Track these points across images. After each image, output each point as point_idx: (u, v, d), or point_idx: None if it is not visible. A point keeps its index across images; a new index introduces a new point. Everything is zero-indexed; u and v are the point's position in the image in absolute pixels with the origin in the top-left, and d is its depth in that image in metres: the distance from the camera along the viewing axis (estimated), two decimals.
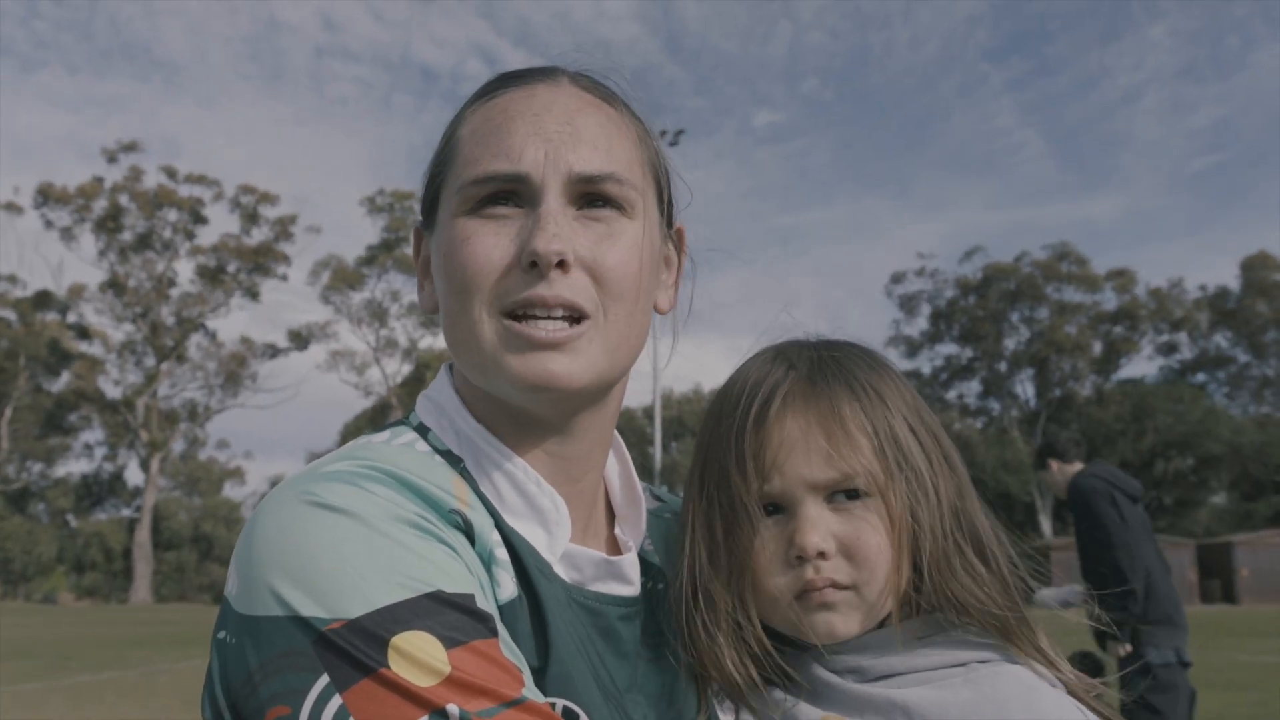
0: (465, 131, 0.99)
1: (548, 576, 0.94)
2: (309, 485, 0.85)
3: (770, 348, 1.08)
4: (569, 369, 0.91)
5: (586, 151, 0.94)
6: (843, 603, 0.96)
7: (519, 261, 0.91)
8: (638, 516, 1.09)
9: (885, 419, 0.99)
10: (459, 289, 0.94)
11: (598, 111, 0.99)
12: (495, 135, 0.95)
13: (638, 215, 0.98)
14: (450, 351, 1.00)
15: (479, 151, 0.95)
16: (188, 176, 62.73)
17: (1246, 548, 42.18)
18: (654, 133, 1.06)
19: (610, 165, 0.95)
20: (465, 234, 0.93)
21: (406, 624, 0.76)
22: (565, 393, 0.92)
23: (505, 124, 0.95)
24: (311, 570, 0.78)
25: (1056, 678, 0.96)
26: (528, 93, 0.98)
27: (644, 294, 0.98)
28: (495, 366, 0.92)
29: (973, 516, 1.02)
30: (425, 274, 1.05)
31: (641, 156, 1.01)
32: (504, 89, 1.00)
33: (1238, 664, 15.09)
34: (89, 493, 72.04)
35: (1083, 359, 62.48)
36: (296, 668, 0.75)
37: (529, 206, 0.93)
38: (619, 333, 0.96)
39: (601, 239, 0.94)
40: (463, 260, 0.93)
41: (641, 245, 0.97)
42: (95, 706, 11.39)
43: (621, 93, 1.04)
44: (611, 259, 0.94)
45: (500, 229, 0.93)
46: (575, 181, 0.93)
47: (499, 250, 0.92)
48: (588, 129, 0.96)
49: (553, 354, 0.91)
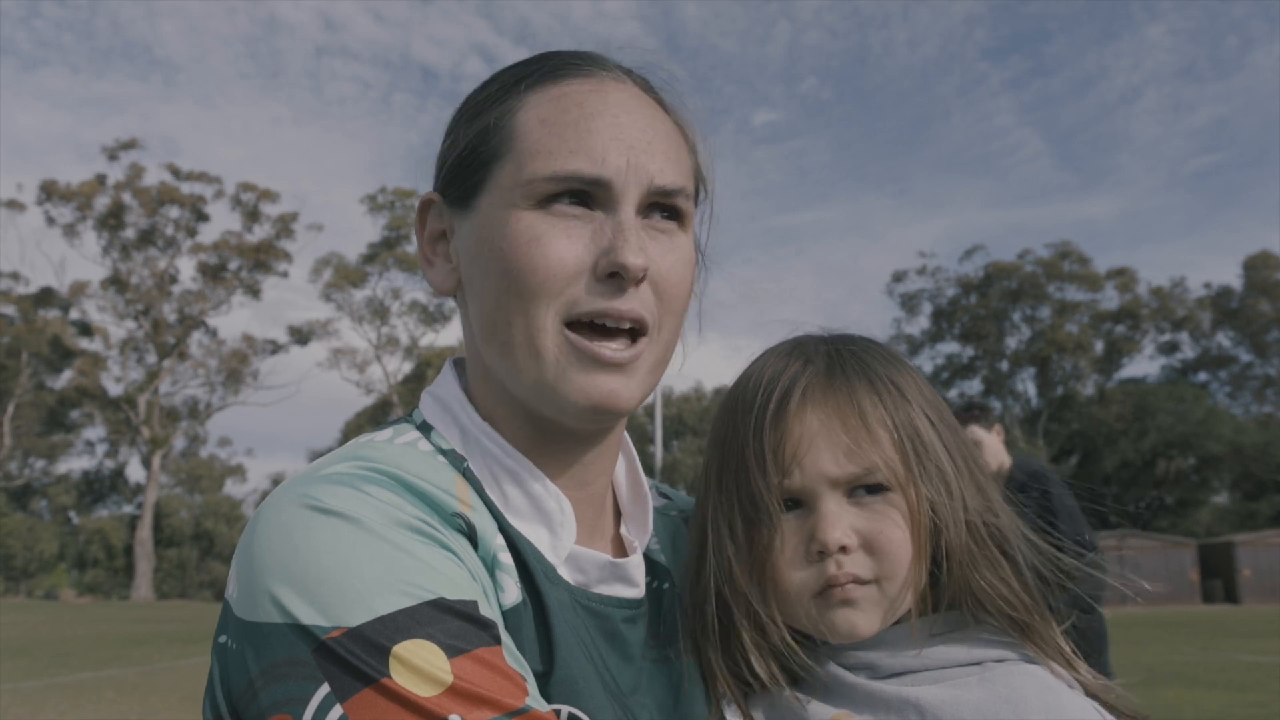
0: (530, 116, 0.93)
1: (552, 580, 0.93)
2: (309, 488, 0.83)
3: (785, 343, 1.07)
4: (628, 390, 0.91)
5: (662, 162, 0.93)
6: (864, 599, 0.95)
7: (594, 269, 0.89)
8: (644, 515, 1.08)
9: (905, 412, 0.98)
10: (521, 291, 0.90)
11: (665, 121, 0.97)
12: (573, 130, 0.91)
13: (689, 227, 0.98)
14: (489, 351, 0.96)
15: (553, 144, 0.91)
16: (189, 174, 62.74)
17: (1248, 548, 42.13)
18: (699, 134, 1.04)
19: (681, 179, 0.95)
20: (534, 233, 0.89)
21: (408, 632, 0.75)
22: (621, 415, 0.92)
23: (583, 120, 0.91)
24: (311, 577, 0.77)
25: (1074, 678, 0.94)
26: (599, 88, 0.94)
27: (688, 305, 0.99)
28: (554, 380, 0.90)
29: (994, 511, 1.00)
30: (435, 250, 1.02)
31: (693, 166, 1.01)
32: (568, 76, 0.95)
33: (1239, 664, 15.07)
34: (90, 490, 72.09)
35: (1084, 358, 62.40)
36: (297, 676, 0.74)
37: (602, 210, 0.91)
38: (666, 348, 0.96)
39: (666, 252, 0.94)
40: (532, 261, 0.89)
41: (692, 257, 0.98)
42: (95, 704, 11.38)
43: (669, 91, 1.02)
44: (674, 273, 0.94)
45: (571, 231, 0.90)
46: (653, 193, 0.92)
47: (572, 255, 0.89)
48: (660, 138, 0.94)
49: (616, 375, 0.90)
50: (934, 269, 66.75)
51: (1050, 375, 63.69)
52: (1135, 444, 57.41)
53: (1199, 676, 13.25)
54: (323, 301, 62.40)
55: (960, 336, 66.29)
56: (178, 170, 62.72)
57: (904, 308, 67.67)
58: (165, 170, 62.71)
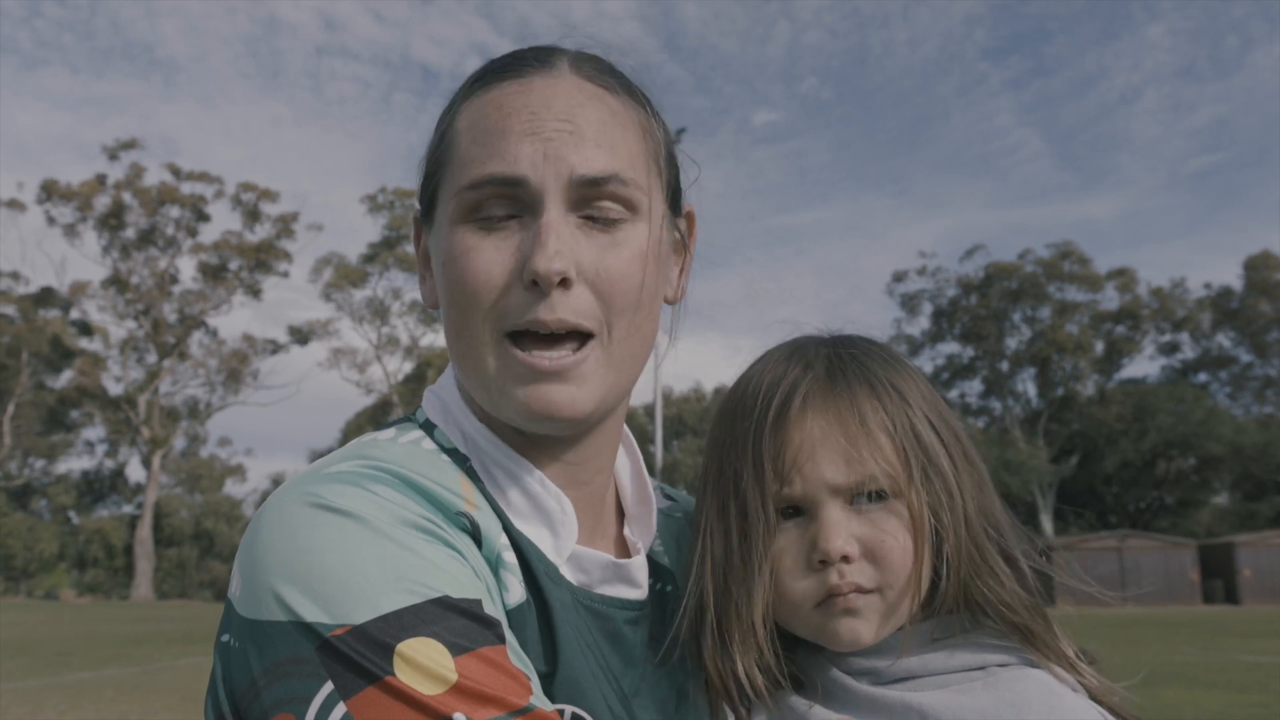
0: (461, 125, 0.93)
1: (554, 580, 0.92)
2: (313, 486, 0.83)
3: (784, 345, 1.05)
4: (573, 399, 0.89)
5: (589, 151, 0.89)
6: (867, 607, 0.94)
7: (520, 278, 0.87)
8: (648, 516, 1.07)
9: (907, 417, 0.96)
10: (459, 305, 0.90)
11: (599, 104, 0.92)
12: (490, 134, 0.89)
13: (643, 215, 0.93)
14: (453, 361, 0.97)
15: (474, 151, 0.90)
16: (190, 174, 62.74)
17: (1249, 548, 42.10)
18: (659, 116, 1.00)
19: (614, 165, 0.90)
20: (464, 246, 0.89)
21: (412, 630, 0.74)
22: (569, 422, 0.90)
23: (500, 121, 0.89)
24: (315, 575, 0.76)
25: (1078, 681, 0.93)
26: (524, 85, 0.92)
27: (650, 300, 0.95)
28: (498, 393, 0.90)
29: (995, 514, 0.99)
30: (426, 267, 1.01)
31: (646, 149, 0.96)
32: (499, 79, 0.93)
33: (1240, 665, 15.06)
34: (90, 489, 72.07)
35: (1084, 358, 62.37)
36: (301, 674, 0.74)
37: (528, 214, 0.89)
38: (624, 348, 0.92)
39: (605, 250, 0.90)
40: (462, 276, 0.89)
41: (647, 248, 0.93)
42: (95, 704, 11.38)
43: (625, 76, 0.98)
44: (616, 270, 0.90)
45: (500, 242, 0.89)
46: (577, 185, 0.88)
47: (499, 266, 0.88)
48: (589, 125, 0.90)
49: (556, 384, 0.88)
50: (934, 269, 66.78)
51: (1050, 375, 63.66)
52: (1135, 444, 57.38)
53: (1199, 677, 13.24)
54: (323, 301, 62.42)
55: (960, 337, 66.26)
56: (178, 170, 62.72)
57: (904, 308, 67.70)
58: (166, 170, 62.78)
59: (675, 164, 1.02)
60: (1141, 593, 40.43)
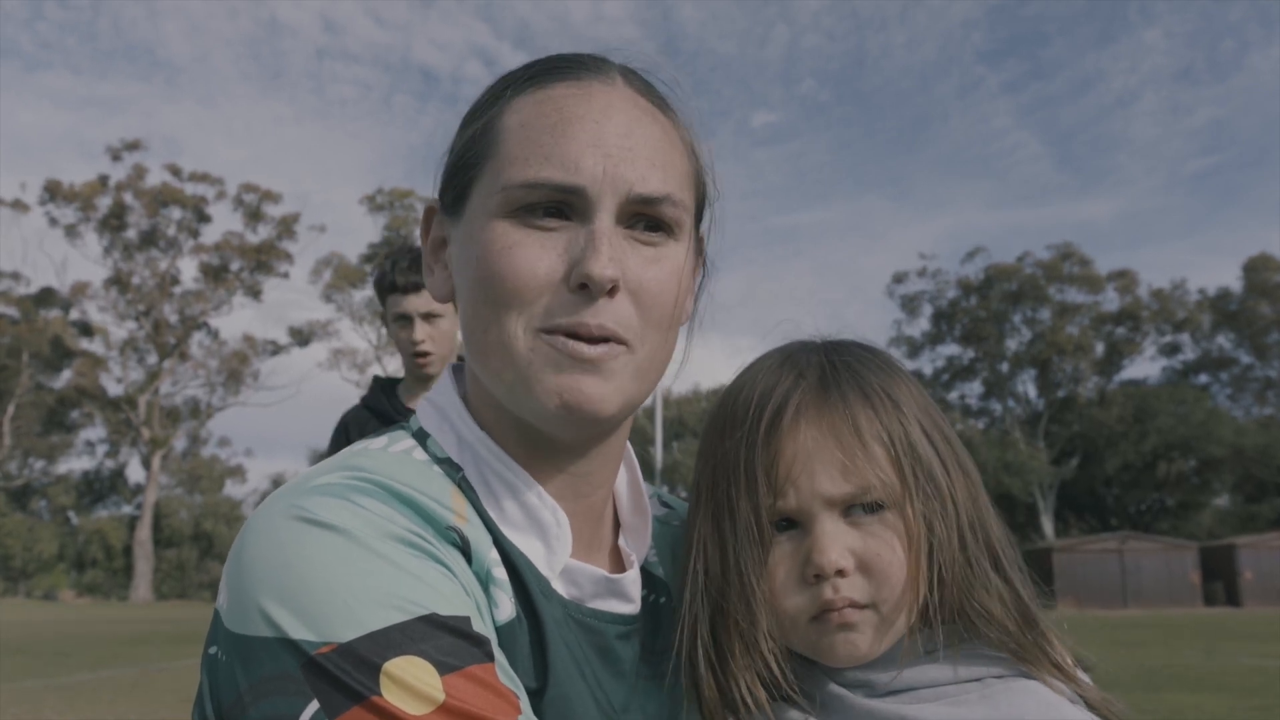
0: (512, 121, 0.91)
1: (546, 594, 0.91)
2: (299, 499, 0.81)
3: (775, 352, 1.03)
4: (602, 392, 0.87)
5: (644, 169, 0.89)
6: (862, 622, 0.92)
7: (566, 280, 0.86)
8: (643, 527, 1.06)
9: (901, 426, 0.95)
10: (494, 300, 0.88)
11: (654, 123, 0.93)
12: (549, 136, 0.88)
13: (683, 236, 0.93)
14: (470, 357, 0.95)
15: (529, 151, 0.88)
16: (192, 175, 62.75)
17: (1249, 550, 42.05)
18: (700, 137, 1.00)
19: (667, 186, 0.90)
20: (507, 241, 0.88)
21: (399, 649, 0.73)
22: (595, 418, 0.88)
23: (561, 125, 0.88)
24: (301, 591, 0.75)
25: (1076, 692, 0.92)
26: (583, 90, 0.91)
27: (678, 319, 0.95)
28: (527, 381, 0.88)
29: (988, 525, 0.97)
30: (436, 258, 1.00)
31: (690, 170, 0.96)
32: (554, 79, 0.93)
33: (1241, 667, 15.03)
34: (90, 490, 72.05)
35: (1085, 360, 62.36)
36: (286, 692, 0.73)
37: (578, 220, 0.88)
38: (650, 360, 0.92)
39: (649, 264, 0.90)
40: (503, 271, 0.87)
41: (682, 267, 0.93)
42: (93, 704, 11.34)
43: (671, 94, 0.98)
44: (656, 286, 0.90)
45: (546, 242, 0.87)
46: (632, 201, 0.88)
47: (544, 265, 0.87)
48: (646, 143, 0.90)
49: (590, 375, 0.87)
50: (934, 271, 66.79)
51: (1051, 377, 63.65)
52: (1136, 446, 57.34)
53: (1201, 679, 13.20)
54: (323, 302, 62.45)
55: (961, 338, 66.26)
56: (180, 171, 62.73)
57: (904, 309, 67.72)
58: (167, 171, 62.77)
59: (707, 189, 1.02)
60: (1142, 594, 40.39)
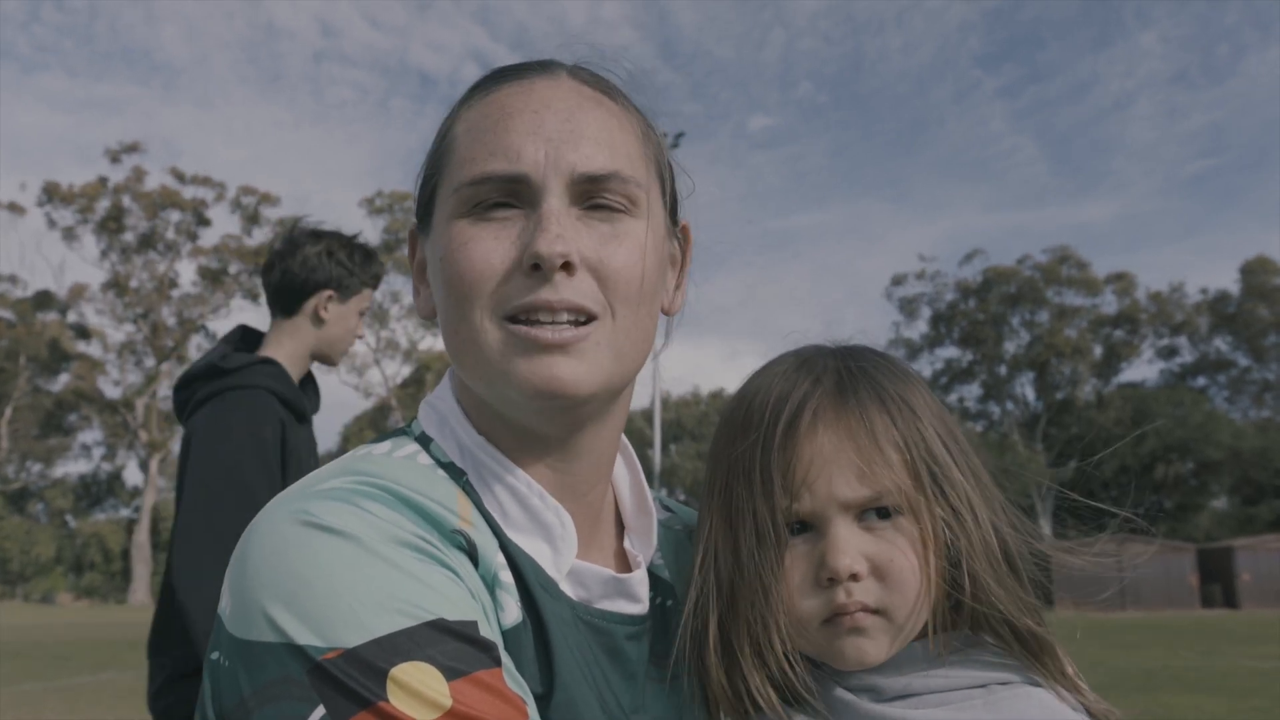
0: (460, 129, 0.94)
1: (553, 595, 0.91)
2: (304, 503, 0.81)
3: (789, 356, 1.03)
4: (575, 373, 0.87)
5: (589, 149, 0.90)
6: (874, 627, 0.92)
7: (520, 264, 0.87)
8: (649, 529, 1.05)
9: (918, 432, 0.95)
10: (458, 295, 0.89)
11: (599, 107, 0.94)
12: (492, 133, 0.90)
13: (642, 214, 0.94)
14: (451, 360, 0.96)
15: (475, 150, 0.90)
16: (192, 178, 62.74)
17: (1247, 552, 42.06)
18: (656, 127, 1.01)
19: (614, 163, 0.91)
20: (463, 238, 0.89)
21: (406, 654, 0.73)
22: (573, 399, 0.88)
23: (503, 121, 0.91)
24: (306, 596, 0.75)
25: (1079, 701, 0.92)
26: (525, 88, 0.93)
27: (651, 296, 0.94)
28: (500, 373, 0.88)
29: (1002, 530, 0.97)
30: (421, 278, 1.02)
31: (645, 153, 0.97)
32: (500, 84, 0.95)
33: (1240, 669, 15.04)
34: (88, 493, 71.97)
35: (1083, 363, 62.40)
36: (291, 697, 0.73)
37: (529, 208, 0.89)
38: (626, 336, 0.92)
39: (606, 240, 0.90)
40: (461, 265, 0.89)
41: (647, 245, 0.93)
42: (93, 707, 11.34)
43: (623, 86, 0.99)
44: (617, 260, 0.90)
45: (500, 231, 0.89)
46: (578, 182, 0.89)
47: (499, 253, 0.88)
48: (589, 126, 0.91)
49: (560, 357, 0.87)
50: (933, 273, 66.83)
51: (1049, 379, 63.69)
52: (1134, 448, 57.34)
53: (1200, 681, 13.22)
54: None
55: (959, 341, 66.30)
56: (181, 174, 62.73)
57: (903, 311, 67.75)
58: (167, 173, 62.82)
59: (672, 174, 1.02)
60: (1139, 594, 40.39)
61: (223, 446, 2.53)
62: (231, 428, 2.56)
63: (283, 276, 2.83)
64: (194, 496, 2.48)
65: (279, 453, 2.61)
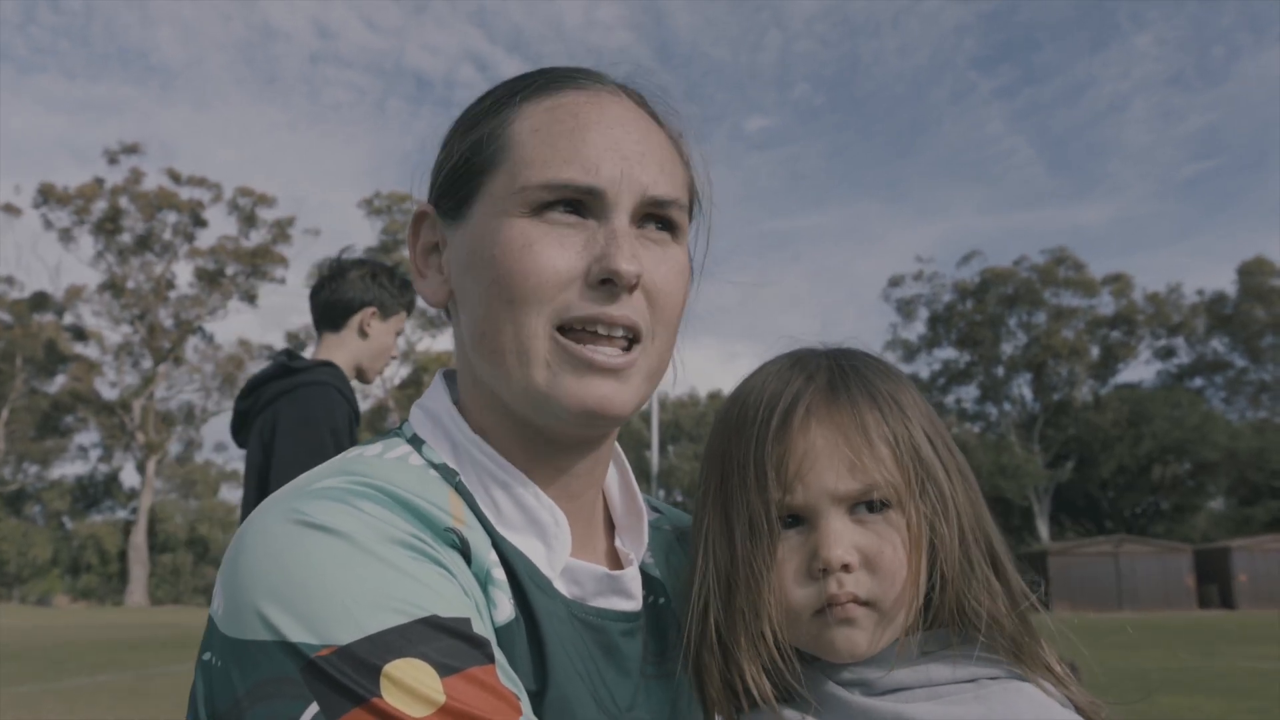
0: (524, 126, 0.94)
1: (547, 593, 0.92)
2: (297, 503, 0.82)
3: (783, 357, 1.05)
4: (622, 397, 0.90)
5: (655, 173, 0.93)
6: (863, 618, 0.94)
7: (587, 276, 0.89)
8: (639, 528, 1.07)
9: (907, 429, 0.98)
10: (513, 298, 0.89)
11: (659, 134, 0.98)
12: (567, 140, 0.91)
13: (683, 238, 0.98)
14: (478, 358, 0.95)
15: (548, 154, 0.91)
16: (189, 179, 62.69)
17: (1244, 553, 42.08)
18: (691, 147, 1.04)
19: (675, 191, 0.95)
20: (527, 239, 0.89)
21: (399, 651, 0.73)
22: (615, 422, 0.91)
23: (578, 130, 0.92)
24: (300, 594, 0.75)
25: (1066, 696, 0.94)
26: (595, 100, 0.95)
27: (681, 319, 0.98)
28: (545, 384, 0.89)
29: (988, 528, 1.00)
30: (428, 262, 1.02)
31: (687, 178, 1.01)
32: (563, 88, 0.96)
33: (1237, 670, 15.06)
34: (85, 495, 71.86)
35: (1080, 364, 62.47)
36: (285, 695, 0.73)
37: (595, 219, 0.91)
38: (659, 358, 0.95)
39: (660, 262, 0.93)
40: (524, 268, 0.89)
41: (685, 269, 0.98)
42: (90, 709, 11.32)
43: (664, 105, 1.02)
44: (666, 283, 0.94)
45: (565, 239, 0.90)
46: (646, 204, 0.92)
47: (565, 261, 0.89)
48: (656, 149, 0.95)
49: (610, 380, 0.89)
50: (930, 274, 66.93)
51: (1046, 381, 63.76)
52: (1131, 449, 57.45)
53: (1198, 682, 13.23)
54: None
55: (957, 342, 66.35)
56: (177, 175, 62.67)
57: (900, 313, 67.82)
58: (164, 175, 62.76)
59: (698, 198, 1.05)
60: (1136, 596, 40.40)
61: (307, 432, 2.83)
62: (310, 417, 2.88)
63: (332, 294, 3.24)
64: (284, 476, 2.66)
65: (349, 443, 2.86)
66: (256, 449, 2.94)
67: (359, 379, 3.33)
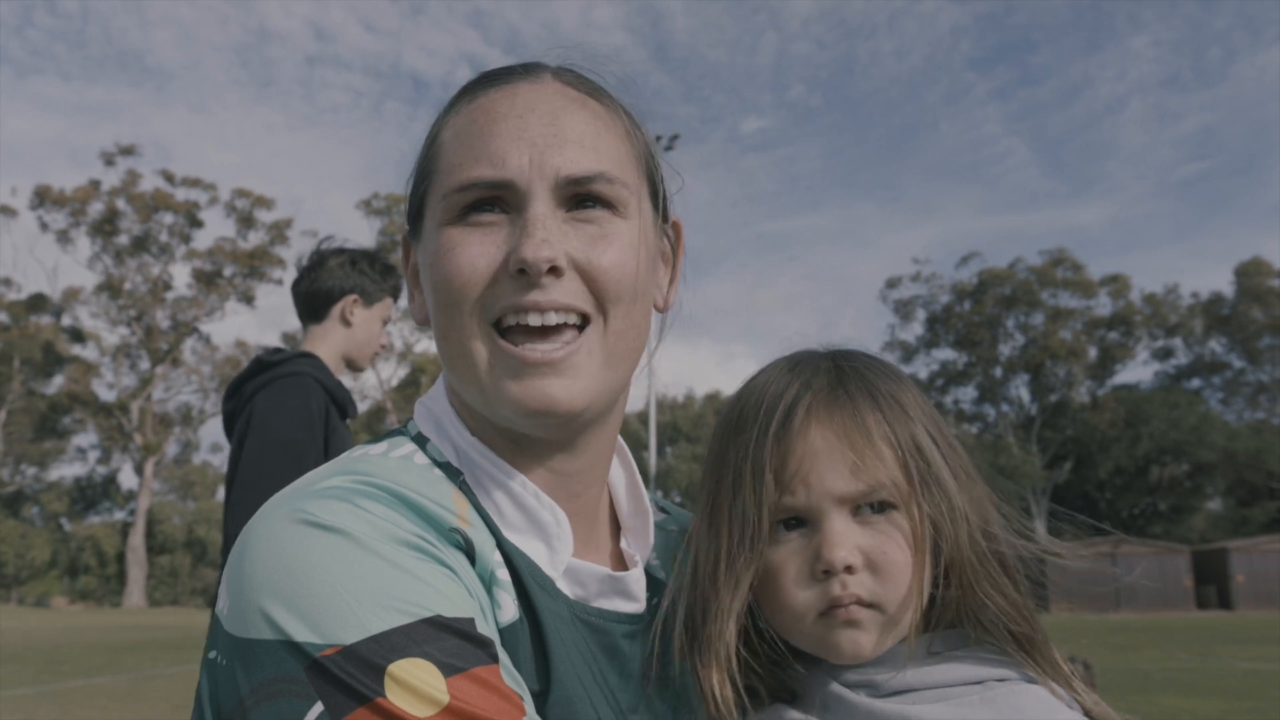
0: (447, 135, 0.95)
1: (550, 594, 0.91)
2: (303, 502, 0.82)
3: (784, 359, 1.05)
4: (568, 391, 0.88)
5: (573, 152, 0.90)
6: (868, 620, 0.93)
7: (506, 269, 0.88)
8: (645, 529, 1.06)
9: (908, 429, 0.97)
10: (448, 302, 0.90)
11: (583, 108, 0.94)
12: (478, 139, 0.91)
13: (631, 214, 0.94)
14: (443, 366, 0.97)
15: (461, 156, 0.91)
16: (185, 180, 62.64)
17: (1242, 554, 42.16)
18: (643, 125, 1.01)
19: (599, 164, 0.91)
20: (450, 244, 0.90)
21: (404, 651, 0.73)
22: (565, 416, 0.89)
23: (487, 127, 0.91)
24: (304, 594, 0.75)
25: (1073, 698, 0.94)
26: (509, 92, 0.94)
27: (643, 294, 0.95)
28: (490, 391, 0.90)
29: (992, 528, 0.99)
30: (415, 284, 1.02)
31: (632, 152, 0.97)
32: (485, 89, 0.96)
33: (1235, 671, 15.07)
34: (83, 496, 71.76)
35: (1078, 364, 62.52)
36: (289, 694, 0.73)
37: (515, 213, 0.90)
38: (619, 339, 0.92)
39: (594, 241, 0.90)
40: (448, 271, 0.89)
41: (637, 244, 0.94)
42: (88, 711, 11.31)
43: (608, 86, 1.00)
44: (606, 260, 0.90)
45: (486, 237, 0.89)
46: (563, 185, 0.90)
47: (485, 259, 0.89)
48: (574, 128, 0.92)
49: (550, 377, 0.88)
50: (928, 275, 66.96)
51: (1044, 381, 63.79)
52: (1129, 450, 57.51)
53: (1195, 683, 13.24)
54: None
55: (955, 343, 66.40)
56: (172, 177, 62.62)
57: (898, 314, 67.83)
58: (160, 176, 62.66)
59: (659, 172, 1.02)
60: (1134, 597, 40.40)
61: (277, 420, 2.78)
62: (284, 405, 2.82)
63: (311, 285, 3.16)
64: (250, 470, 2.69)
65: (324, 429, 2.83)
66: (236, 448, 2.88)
67: (350, 369, 3.29)
